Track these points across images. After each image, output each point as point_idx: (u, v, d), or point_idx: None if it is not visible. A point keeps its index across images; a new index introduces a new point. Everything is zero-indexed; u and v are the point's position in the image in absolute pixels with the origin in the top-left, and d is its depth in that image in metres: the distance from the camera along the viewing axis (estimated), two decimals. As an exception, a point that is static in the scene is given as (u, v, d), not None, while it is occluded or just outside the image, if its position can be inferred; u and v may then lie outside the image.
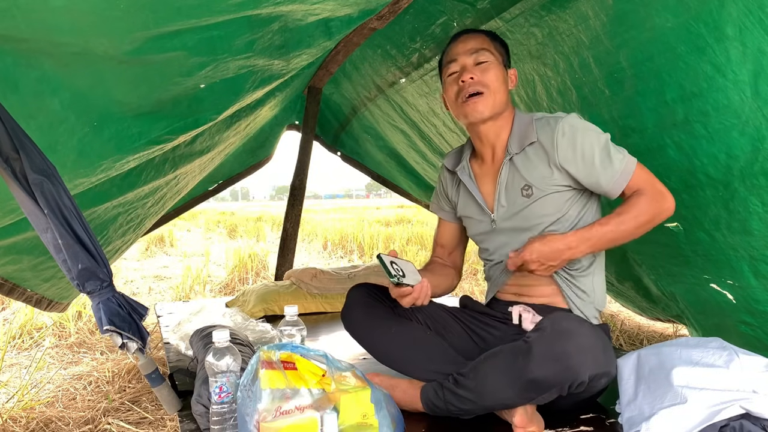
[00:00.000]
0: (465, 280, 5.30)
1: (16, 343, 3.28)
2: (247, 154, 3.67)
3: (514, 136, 1.54)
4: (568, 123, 1.46)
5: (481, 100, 1.50)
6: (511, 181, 1.54)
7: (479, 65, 1.52)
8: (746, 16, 1.21)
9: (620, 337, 3.08)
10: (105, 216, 2.23)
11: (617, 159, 1.43)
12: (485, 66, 1.52)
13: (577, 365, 1.19)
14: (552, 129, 1.47)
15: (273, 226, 12.03)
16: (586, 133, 1.45)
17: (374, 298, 1.61)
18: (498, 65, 1.54)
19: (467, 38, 1.56)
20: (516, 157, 1.53)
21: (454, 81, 1.55)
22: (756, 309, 1.67)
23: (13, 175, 1.26)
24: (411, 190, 4.15)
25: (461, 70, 1.54)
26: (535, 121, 1.52)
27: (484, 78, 1.51)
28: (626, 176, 1.43)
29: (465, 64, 1.53)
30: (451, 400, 1.34)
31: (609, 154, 1.43)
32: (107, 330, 1.35)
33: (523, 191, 1.52)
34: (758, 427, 1.08)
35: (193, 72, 1.48)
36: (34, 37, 1.11)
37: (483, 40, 1.55)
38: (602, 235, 1.41)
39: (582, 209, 1.52)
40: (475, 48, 1.53)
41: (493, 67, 1.52)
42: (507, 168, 1.55)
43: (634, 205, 1.41)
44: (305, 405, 1.11)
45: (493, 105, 1.51)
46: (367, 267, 3.12)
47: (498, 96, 1.52)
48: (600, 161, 1.43)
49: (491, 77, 1.51)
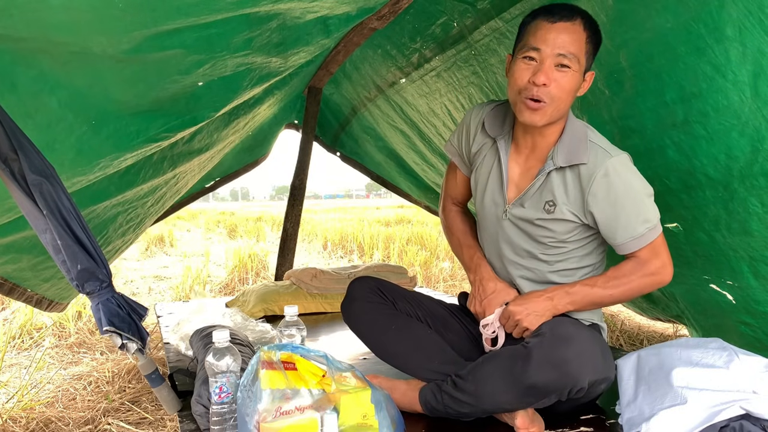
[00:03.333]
0: (465, 280, 5.29)
1: (16, 343, 3.28)
2: (245, 152, 3.67)
3: (563, 147, 1.42)
4: (614, 165, 1.37)
5: (540, 110, 1.36)
6: (541, 190, 1.46)
7: (560, 68, 1.35)
8: (746, 16, 1.21)
9: (620, 337, 3.08)
10: (104, 215, 2.23)
11: (643, 225, 1.38)
12: (565, 74, 1.35)
13: (576, 371, 1.19)
14: (598, 163, 1.38)
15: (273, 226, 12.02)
16: (628, 184, 1.38)
17: (375, 293, 1.61)
18: (578, 74, 1.37)
19: (563, 30, 1.34)
20: (556, 172, 1.44)
21: (526, 68, 1.37)
22: (756, 310, 1.66)
23: (12, 176, 1.26)
24: (410, 190, 4.15)
25: (539, 64, 1.35)
26: (590, 143, 1.41)
27: (558, 87, 1.35)
28: (641, 243, 1.39)
29: (545, 62, 1.34)
30: (450, 403, 1.34)
31: (638, 214, 1.37)
32: (107, 330, 1.35)
33: (546, 205, 1.45)
34: (758, 427, 1.08)
35: (191, 70, 1.48)
36: (32, 36, 1.11)
37: (579, 41, 1.36)
38: (586, 295, 1.40)
39: (588, 243, 1.49)
40: (565, 50, 1.34)
41: (571, 77, 1.36)
42: (544, 178, 1.45)
43: (629, 273, 1.39)
44: (305, 405, 1.10)
45: (551, 116, 1.38)
46: (367, 267, 3.12)
47: (561, 106, 1.38)
48: (625, 220, 1.38)
49: (565, 87, 1.36)
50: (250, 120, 2.69)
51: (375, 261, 6.49)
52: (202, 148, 2.38)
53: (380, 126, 3.44)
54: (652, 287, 1.43)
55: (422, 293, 1.74)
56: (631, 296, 1.43)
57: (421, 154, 3.31)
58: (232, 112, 2.21)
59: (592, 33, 1.38)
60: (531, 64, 1.36)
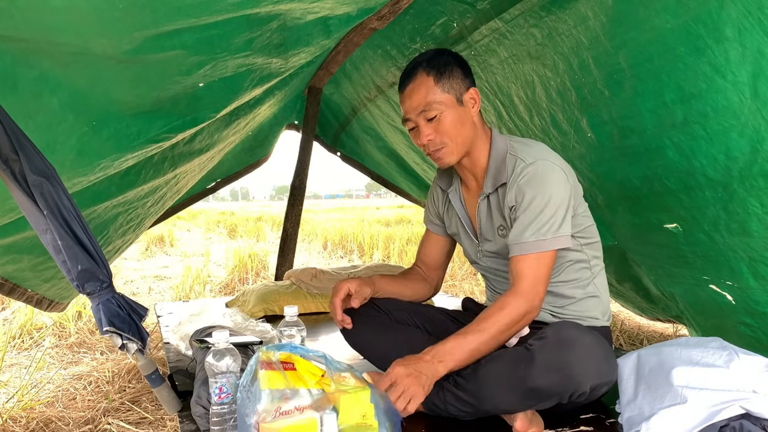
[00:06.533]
0: (465, 280, 5.30)
1: (16, 343, 3.28)
2: (246, 152, 3.67)
3: (490, 173, 1.49)
4: (529, 172, 1.40)
5: (445, 152, 1.46)
6: (488, 218, 1.54)
7: (431, 121, 1.44)
8: (745, 17, 1.21)
9: (620, 337, 3.08)
10: (105, 216, 2.23)
11: (532, 233, 1.37)
12: (438, 119, 1.43)
13: (579, 375, 1.18)
14: (515, 174, 1.43)
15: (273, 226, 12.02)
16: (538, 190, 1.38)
17: (371, 307, 1.62)
18: (450, 108, 1.43)
19: (411, 92, 1.45)
20: (491, 196, 1.51)
21: (414, 135, 1.51)
22: (755, 310, 1.67)
23: (13, 177, 1.26)
24: (410, 190, 4.15)
25: (416, 128, 1.48)
26: (510, 156, 1.47)
27: (441, 132, 1.44)
28: (521, 250, 1.38)
29: (418, 123, 1.46)
30: (451, 401, 1.34)
31: (534, 221, 1.37)
32: (107, 331, 1.35)
33: (498, 231, 1.52)
34: (758, 427, 1.08)
35: (192, 71, 1.49)
36: (33, 37, 1.11)
37: (427, 89, 1.43)
38: (460, 346, 1.30)
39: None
40: (421, 107, 1.43)
41: (446, 117, 1.43)
42: (484, 206, 1.54)
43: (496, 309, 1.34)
44: (305, 405, 1.11)
45: (458, 151, 1.47)
46: (367, 267, 3.12)
47: (460, 140, 1.46)
48: (521, 220, 1.39)
49: (447, 128, 1.44)
50: (250, 120, 2.69)
51: (375, 261, 6.49)
52: (202, 148, 2.38)
53: (380, 126, 3.45)
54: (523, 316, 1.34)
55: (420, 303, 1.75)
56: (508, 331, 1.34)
57: (421, 154, 3.31)
58: (232, 112, 2.22)
59: (437, 71, 1.44)
60: (414, 131, 1.50)
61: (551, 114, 1.98)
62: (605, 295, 1.59)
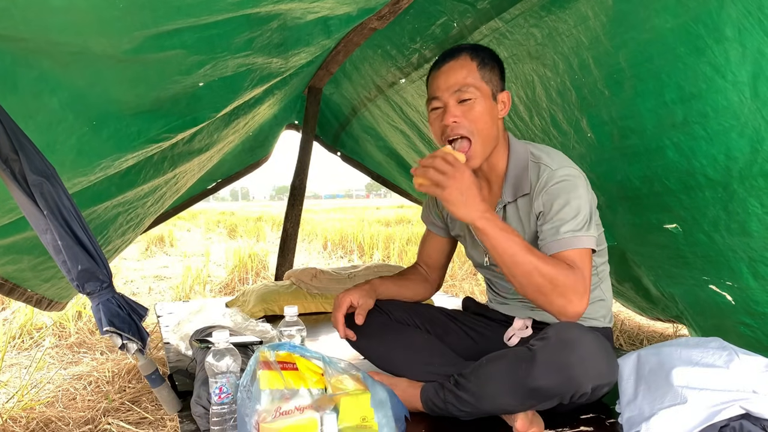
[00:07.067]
0: (465, 281, 5.30)
1: (16, 343, 3.28)
2: (246, 153, 3.67)
3: (509, 181, 1.46)
4: (559, 177, 1.37)
5: (473, 152, 1.39)
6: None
7: (463, 103, 1.38)
8: (745, 17, 1.21)
9: (620, 337, 3.08)
10: (105, 216, 2.23)
11: (568, 230, 1.32)
12: (470, 104, 1.38)
13: (580, 376, 1.18)
14: (539, 181, 1.40)
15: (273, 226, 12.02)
16: (570, 194, 1.35)
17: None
18: (485, 99, 1.39)
19: (450, 70, 1.40)
20: (509, 206, 1.48)
21: (437, 118, 1.43)
22: (755, 310, 1.67)
23: (13, 177, 1.26)
24: (410, 190, 4.16)
25: (444, 108, 1.41)
26: (532, 164, 1.43)
27: (469, 118, 1.38)
28: (561, 246, 1.32)
29: (447, 103, 1.39)
30: (452, 400, 1.34)
31: (569, 221, 1.33)
32: (107, 331, 1.35)
33: None
34: (758, 427, 1.08)
35: (192, 70, 1.49)
36: (33, 37, 1.11)
37: (468, 71, 1.39)
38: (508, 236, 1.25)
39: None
40: (459, 85, 1.38)
41: (479, 104, 1.38)
42: (501, 214, 1.49)
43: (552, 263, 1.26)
44: (305, 405, 1.11)
45: (483, 152, 1.41)
46: (367, 267, 3.12)
47: (486, 134, 1.40)
48: (554, 222, 1.34)
49: (477, 116, 1.38)
50: (250, 120, 2.69)
51: (375, 261, 6.49)
52: (202, 148, 2.38)
53: (380, 126, 3.45)
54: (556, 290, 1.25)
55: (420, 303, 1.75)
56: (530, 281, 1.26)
57: (421, 153, 3.31)
58: (232, 112, 2.22)
59: (482, 59, 1.41)
60: (438, 112, 1.42)
61: (551, 114, 1.98)
62: (609, 299, 1.60)
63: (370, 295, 1.57)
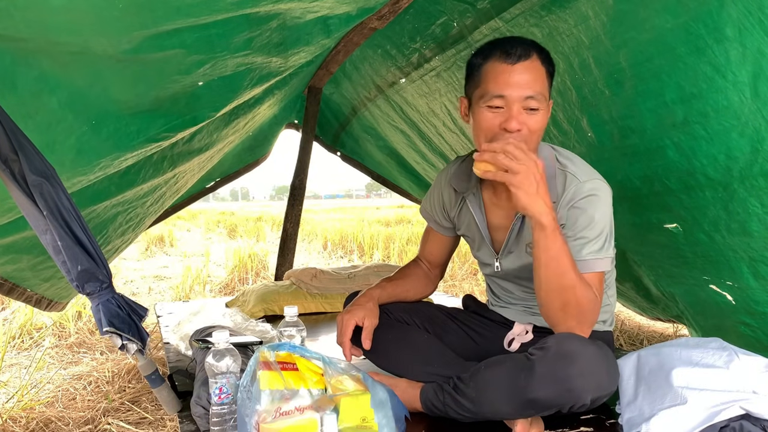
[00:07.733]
0: (465, 280, 5.30)
1: (16, 343, 3.28)
2: (246, 152, 3.67)
3: None
4: (588, 191, 1.35)
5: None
6: (520, 234, 1.48)
7: (530, 112, 1.30)
8: (746, 17, 1.21)
9: (620, 337, 3.08)
10: (104, 215, 2.23)
11: (590, 251, 1.33)
12: (535, 115, 1.30)
13: (580, 389, 1.16)
14: (566, 193, 1.37)
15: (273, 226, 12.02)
16: (596, 210, 1.34)
17: None
18: (546, 111, 1.34)
19: (526, 71, 1.29)
20: None
21: (494, 116, 1.32)
22: (755, 310, 1.67)
23: (12, 177, 1.26)
24: (411, 189, 4.15)
25: (506, 110, 1.30)
26: (559, 171, 1.40)
27: (530, 128, 1.31)
28: (581, 268, 1.31)
29: (513, 108, 1.29)
30: (451, 403, 1.34)
31: (593, 240, 1.33)
32: (107, 331, 1.35)
33: (527, 247, 1.47)
34: (758, 427, 1.08)
35: (192, 70, 1.48)
36: (33, 37, 1.11)
37: (543, 80, 1.31)
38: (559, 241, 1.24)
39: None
40: (531, 92, 1.29)
41: (541, 117, 1.32)
42: (519, 223, 1.46)
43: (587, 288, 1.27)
44: (305, 406, 1.10)
45: None
46: (367, 267, 3.12)
47: (534, 148, 1.35)
48: (579, 240, 1.33)
49: (537, 127, 1.31)
50: (250, 120, 2.69)
51: (375, 261, 6.49)
52: (202, 147, 2.38)
53: (380, 126, 3.45)
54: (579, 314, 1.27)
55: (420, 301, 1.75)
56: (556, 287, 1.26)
57: (421, 153, 3.31)
58: (232, 112, 2.22)
59: (548, 65, 1.34)
60: (498, 112, 1.31)
61: (552, 113, 1.98)
62: (614, 303, 1.60)
63: (375, 314, 1.52)
